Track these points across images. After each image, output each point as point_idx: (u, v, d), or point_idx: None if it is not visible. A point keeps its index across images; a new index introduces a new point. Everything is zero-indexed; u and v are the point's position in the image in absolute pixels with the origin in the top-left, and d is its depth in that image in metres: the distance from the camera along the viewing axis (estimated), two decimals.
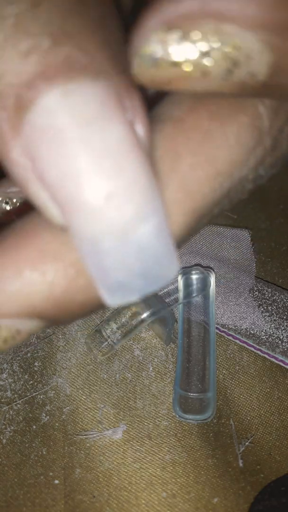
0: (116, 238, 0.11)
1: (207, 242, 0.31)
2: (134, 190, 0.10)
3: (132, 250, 0.11)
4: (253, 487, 0.23)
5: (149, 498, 0.22)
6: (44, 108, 0.09)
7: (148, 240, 0.11)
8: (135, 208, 0.10)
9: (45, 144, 0.09)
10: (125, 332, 0.25)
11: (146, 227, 0.11)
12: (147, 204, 0.11)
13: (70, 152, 0.09)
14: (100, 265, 0.11)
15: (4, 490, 0.22)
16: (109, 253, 0.11)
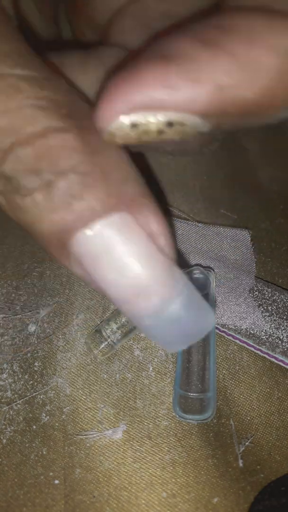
0: (151, 318, 0.14)
1: (207, 242, 0.31)
2: (156, 285, 0.14)
3: (167, 323, 0.15)
4: (253, 487, 0.23)
5: (149, 498, 0.22)
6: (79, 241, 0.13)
7: (178, 312, 0.15)
8: (162, 296, 0.14)
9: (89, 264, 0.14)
10: (125, 332, 0.25)
11: (175, 304, 0.14)
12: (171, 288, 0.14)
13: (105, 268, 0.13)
14: (150, 334, 0.15)
15: (4, 490, 0.22)
16: (152, 327, 0.15)
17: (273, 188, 0.36)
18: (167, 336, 0.15)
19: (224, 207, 0.34)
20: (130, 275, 0.13)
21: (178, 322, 0.15)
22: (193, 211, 0.33)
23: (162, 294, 0.14)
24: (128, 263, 0.13)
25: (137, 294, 0.14)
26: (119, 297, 0.14)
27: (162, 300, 0.14)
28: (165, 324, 0.15)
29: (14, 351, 0.26)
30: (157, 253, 0.14)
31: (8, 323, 0.27)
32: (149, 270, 0.14)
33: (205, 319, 0.16)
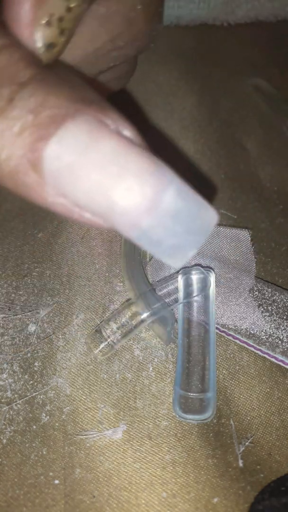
0: (149, 215, 0.13)
1: (207, 242, 0.31)
2: (143, 176, 0.13)
3: (168, 217, 0.14)
4: (253, 487, 0.23)
5: (149, 498, 0.22)
6: (51, 158, 0.12)
7: (175, 203, 0.14)
8: (152, 187, 0.13)
9: (67, 181, 0.13)
10: (125, 332, 0.25)
11: (169, 195, 0.13)
12: (158, 180, 0.13)
13: (85, 177, 0.12)
14: (151, 241, 0.14)
15: (4, 490, 0.22)
16: (152, 228, 0.13)
17: (273, 188, 0.36)
18: (171, 237, 0.14)
19: (224, 207, 0.34)
20: (113, 173, 0.12)
21: (178, 216, 0.14)
22: None
23: (151, 184, 0.13)
24: (108, 162, 0.12)
25: (127, 192, 0.13)
26: (107, 205, 0.13)
27: (154, 191, 0.13)
28: (165, 221, 0.13)
29: (14, 351, 0.26)
30: (135, 146, 0.13)
31: (8, 323, 0.27)
32: (132, 164, 0.13)
33: (206, 210, 0.15)
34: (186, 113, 0.41)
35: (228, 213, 0.33)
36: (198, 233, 0.15)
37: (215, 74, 0.45)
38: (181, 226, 0.14)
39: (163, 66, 0.45)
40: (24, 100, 0.13)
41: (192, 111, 0.41)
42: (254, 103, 0.42)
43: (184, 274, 0.27)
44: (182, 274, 0.27)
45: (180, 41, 0.48)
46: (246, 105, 0.42)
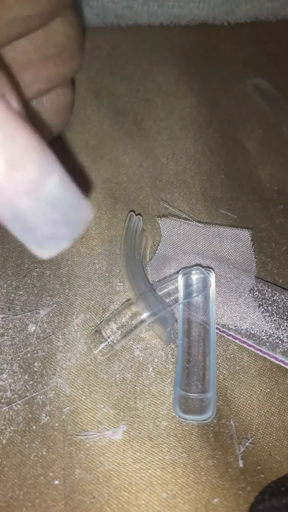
0: (30, 197, 0.13)
1: (207, 242, 0.31)
2: (30, 152, 0.12)
3: (47, 203, 0.13)
4: (253, 487, 0.23)
5: (149, 499, 0.22)
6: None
7: (57, 191, 0.13)
8: (37, 167, 0.13)
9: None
10: (125, 332, 0.25)
11: (52, 181, 0.13)
12: (45, 162, 0.13)
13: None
14: (24, 225, 0.13)
15: (4, 491, 0.22)
16: (29, 212, 0.13)
17: (273, 188, 0.36)
18: (47, 225, 0.14)
19: (224, 207, 0.34)
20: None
21: (57, 204, 0.13)
22: (193, 211, 0.33)
23: (37, 164, 0.13)
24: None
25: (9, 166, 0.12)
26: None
27: (39, 171, 0.13)
28: (44, 207, 0.13)
29: (14, 351, 0.26)
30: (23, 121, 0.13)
31: (8, 323, 0.27)
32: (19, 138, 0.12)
33: (84, 204, 0.14)
34: (186, 113, 0.41)
35: (228, 213, 0.33)
36: (74, 225, 0.14)
37: (215, 74, 0.45)
38: (59, 215, 0.14)
39: (163, 66, 0.45)
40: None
41: (192, 111, 0.41)
42: (254, 103, 0.42)
43: (184, 274, 0.27)
44: (182, 274, 0.27)
45: (180, 41, 0.48)
46: (246, 105, 0.42)
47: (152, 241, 0.31)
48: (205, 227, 0.32)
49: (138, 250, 0.28)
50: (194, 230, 0.32)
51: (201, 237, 0.31)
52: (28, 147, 0.13)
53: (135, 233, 0.29)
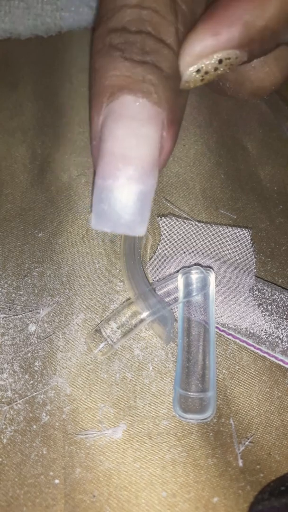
0: (117, 182, 0.18)
1: (207, 242, 0.31)
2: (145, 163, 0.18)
3: (123, 196, 0.18)
4: (252, 486, 0.23)
5: (149, 498, 0.22)
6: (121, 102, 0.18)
7: (133, 196, 0.18)
8: (138, 172, 0.18)
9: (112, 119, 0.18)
10: (125, 331, 0.25)
11: (137, 188, 0.18)
12: (146, 175, 0.18)
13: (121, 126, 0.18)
14: (100, 194, 0.19)
15: (4, 490, 0.22)
16: (108, 189, 0.18)
17: (273, 188, 0.36)
18: (107, 204, 0.19)
19: (224, 207, 0.34)
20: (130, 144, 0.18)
21: (126, 201, 0.18)
22: (193, 211, 0.33)
23: (141, 171, 0.18)
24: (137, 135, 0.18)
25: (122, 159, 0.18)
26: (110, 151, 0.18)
27: (138, 175, 0.18)
28: (118, 194, 0.18)
29: (14, 351, 0.26)
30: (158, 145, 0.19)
31: (9, 323, 0.27)
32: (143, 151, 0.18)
33: (140, 222, 0.19)
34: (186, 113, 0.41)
35: (228, 213, 0.33)
36: (122, 223, 0.19)
37: None
38: (120, 208, 0.19)
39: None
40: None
41: (192, 111, 0.41)
42: (254, 103, 0.42)
43: (184, 274, 0.27)
44: (182, 274, 0.27)
45: None
46: (246, 105, 0.42)
47: (152, 241, 0.31)
48: (205, 226, 0.32)
49: (138, 250, 0.28)
50: (194, 230, 0.32)
51: (201, 236, 0.31)
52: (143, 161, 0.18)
53: None
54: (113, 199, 0.18)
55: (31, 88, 0.41)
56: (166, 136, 0.19)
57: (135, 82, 0.18)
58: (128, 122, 0.17)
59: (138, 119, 0.18)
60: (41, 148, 0.36)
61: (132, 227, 0.19)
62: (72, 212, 0.32)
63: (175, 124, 0.20)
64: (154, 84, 0.18)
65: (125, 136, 0.18)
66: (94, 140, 0.19)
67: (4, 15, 0.41)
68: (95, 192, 0.19)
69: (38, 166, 0.35)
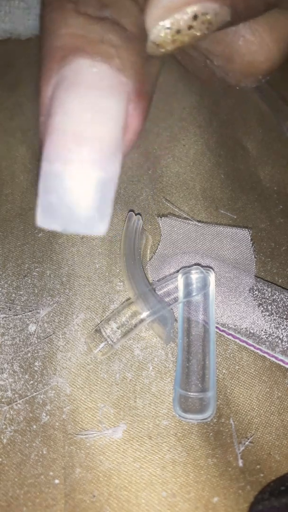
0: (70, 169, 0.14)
1: (207, 242, 0.31)
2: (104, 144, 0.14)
3: (76, 184, 0.14)
4: (253, 486, 0.23)
5: (149, 498, 0.22)
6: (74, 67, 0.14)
7: (89, 185, 0.14)
8: (96, 156, 0.14)
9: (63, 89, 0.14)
10: (125, 331, 0.25)
11: (94, 174, 0.14)
12: (106, 159, 0.14)
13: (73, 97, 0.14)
14: (47, 182, 0.15)
15: (4, 490, 0.22)
16: (58, 176, 0.15)
17: (273, 188, 0.36)
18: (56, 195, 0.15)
19: (224, 207, 0.34)
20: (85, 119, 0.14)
21: (81, 191, 0.15)
22: (193, 211, 0.33)
23: (102, 155, 0.14)
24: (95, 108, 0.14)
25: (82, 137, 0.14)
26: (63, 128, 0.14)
27: (98, 160, 0.14)
28: (71, 183, 0.15)
29: (14, 351, 0.26)
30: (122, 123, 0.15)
31: (9, 323, 0.27)
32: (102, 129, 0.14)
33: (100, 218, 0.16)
34: (186, 113, 0.41)
35: (228, 213, 0.33)
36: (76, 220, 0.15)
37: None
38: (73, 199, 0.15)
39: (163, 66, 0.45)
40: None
41: (192, 111, 0.41)
42: (254, 103, 0.42)
43: (184, 274, 0.27)
44: (182, 274, 0.27)
45: None
46: (246, 105, 0.42)
47: (152, 241, 0.31)
48: (205, 226, 0.32)
49: (138, 250, 0.28)
50: (194, 230, 0.32)
51: (201, 236, 0.31)
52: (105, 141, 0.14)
53: (135, 233, 0.29)
54: (63, 188, 0.15)
55: (31, 88, 0.41)
56: (132, 112, 0.15)
57: (91, 42, 0.14)
58: (83, 92, 0.14)
59: (96, 89, 0.14)
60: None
61: (89, 225, 0.15)
62: None
63: (144, 97, 0.15)
64: (116, 45, 0.14)
65: (79, 110, 0.14)
66: (42, 115, 0.16)
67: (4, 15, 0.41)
68: (41, 179, 0.15)
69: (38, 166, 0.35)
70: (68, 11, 0.14)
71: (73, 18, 0.14)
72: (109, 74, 0.14)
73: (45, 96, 0.15)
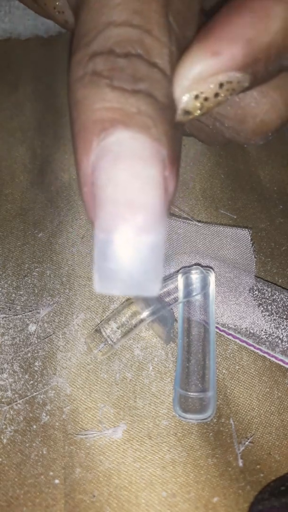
0: (125, 235, 0.15)
1: (207, 242, 0.31)
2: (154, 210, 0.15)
3: (131, 250, 0.15)
4: (253, 486, 0.23)
5: (149, 498, 0.22)
6: (116, 139, 0.15)
7: (145, 249, 0.15)
8: (148, 221, 0.15)
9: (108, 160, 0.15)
10: (125, 331, 0.25)
11: (148, 239, 0.15)
12: (156, 223, 0.15)
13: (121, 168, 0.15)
14: (103, 250, 0.15)
15: (4, 490, 0.22)
16: (114, 244, 0.15)
17: (273, 188, 0.36)
18: (114, 261, 0.16)
19: (224, 207, 0.34)
20: (135, 188, 0.15)
21: (136, 256, 0.15)
22: (193, 211, 0.33)
23: (150, 219, 0.15)
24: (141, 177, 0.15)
25: (131, 205, 0.15)
26: (112, 198, 0.15)
27: (147, 224, 0.15)
28: (126, 249, 0.15)
29: (14, 351, 0.26)
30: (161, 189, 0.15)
31: (9, 323, 0.27)
32: (151, 196, 0.15)
33: (153, 279, 0.16)
34: None
35: (228, 213, 0.33)
36: (133, 283, 0.16)
37: None
38: (130, 265, 0.16)
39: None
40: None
41: None
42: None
43: (184, 274, 0.27)
44: (182, 274, 0.27)
45: None
46: None
47: None
48: (205, 226, 0.32)
49: None
50: (194, 230, 0.32)
51: (201, 236, 0.31)
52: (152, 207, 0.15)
53: None
54: (121, 255, 0.15)
55: (31, 88, 0.41)
56: (169, 177, 0.16)
57: (129, 115, 0.15)
58: (129, 163, 0.15)
59: (140, 159, 0.15)
60: (41, 148, 0.36)
61: (146, 286, 0.16)
62: (72, 212, 0.33)
63: (176, 162, 0.17)
64: (151, 116, 0.15)
65: (128, 180, 0.15)
66: (85, 186, 0.16)
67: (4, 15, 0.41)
68: (98, 248, 0.16)
69: (38, 166, 0.35)
70: (103, 86, 0.15)
71: (109, 92, 0.15)
72: (149, 144, 0.15)
73: (86, 167, 0.16)
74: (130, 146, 0.15)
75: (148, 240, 0.15)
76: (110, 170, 0.15)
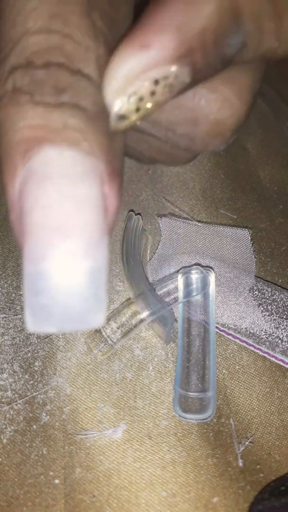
0: (56, 263, 0.13)
1: (207, 242, 0.31)
2: (90, 232, 0.13)
3: (65, 279, 0.13)
4: (253, 486, 0.23)
5: (149, 498, 0.22)
6: (42, 159, 0.13)
7: (82, 276, 0.14)
8: (84, 245, 0.13)
9: (34, 183, 0.13)
10: (125, 331, 0.25)
11: (85, 264, 0.14)
12: (94, 247, 0.14)
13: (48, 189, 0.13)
14: (34, 284, 0.14)
15: (4, 490, 0.22)
16: (45, 274, 0.13)
17: (273, 188, 0.36)
18: (47, 295, 0.14)
19: (224, 207, 0.34)
20: (66, 210, 0.13)
21: (72, 286, 0.14)
22: (193, 211, 0.33)
23: (86, 243, 0.13)
24: (74, 197, 0.13)
25: (62, 230, 0.13)
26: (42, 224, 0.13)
27: (83, 249, 0.13)
28: (60, 280, 0.13)
29: (14, 350, 0.26)
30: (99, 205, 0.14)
31: (9, 323, 0.27)
32: (85, 217, 0.13)
33: (96, 310, 0.14)
34: None
35: (228, 213, 0.33)
36: (71, 317, 0.14)
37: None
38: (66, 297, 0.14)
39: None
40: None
41: None
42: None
43: (184, 274, 0.27)
44: (182, 274, 0.27)
45: None
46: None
47: (152, 241, 0.31)
48: (205, 226, 0.32)
49: (138, 250, 0.28)
50: (194, 230, 0.32)
51: (201, 236, 0.31)
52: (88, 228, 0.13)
53: (134, 232, 0.29)
54: (54, 286, 0.13)
55: None
56: (109, 193, 0.14)
57: (54, 130, 0.13)
58: (57, 183, 0.13)
59: (70, 177, 0.13)
60: None
61: (86, 318, 0.14)
62: None
63: (117, 176, 0.15)
64: (80, 129, 0.13)
65: (57, 202, 0.13)
66: (12, 213, 0.14)
67: None
68: (27, 282, 0.14)
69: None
70: (24, 103, 0.14)
71: (30, 109, 0.13)
72: (80, 159, 0.13)
73: (13, 193, 0.14)
74: (58, 165, 0.13)
75: (86, 265, 0.14)
76: (37, 192, 0.13)
